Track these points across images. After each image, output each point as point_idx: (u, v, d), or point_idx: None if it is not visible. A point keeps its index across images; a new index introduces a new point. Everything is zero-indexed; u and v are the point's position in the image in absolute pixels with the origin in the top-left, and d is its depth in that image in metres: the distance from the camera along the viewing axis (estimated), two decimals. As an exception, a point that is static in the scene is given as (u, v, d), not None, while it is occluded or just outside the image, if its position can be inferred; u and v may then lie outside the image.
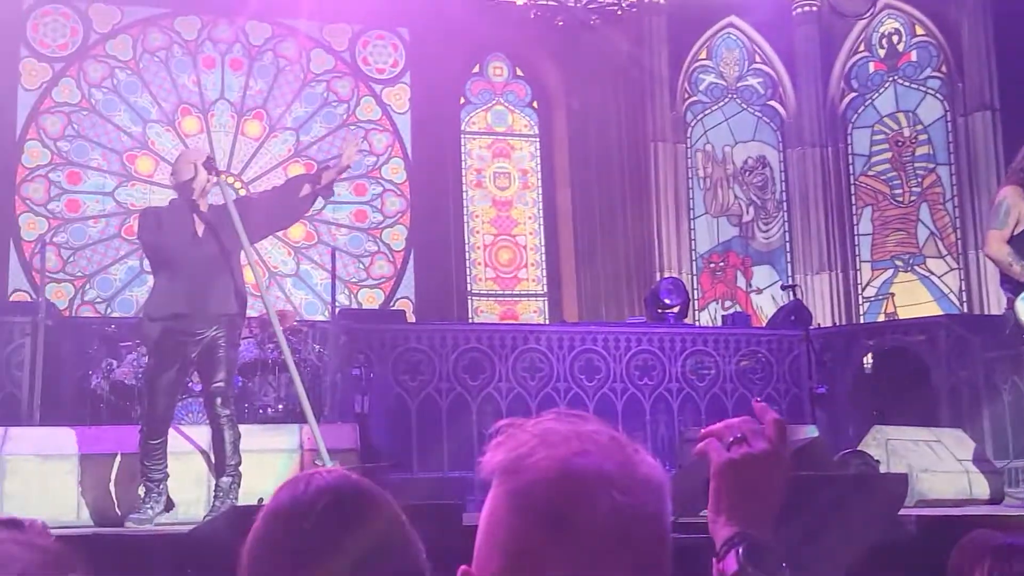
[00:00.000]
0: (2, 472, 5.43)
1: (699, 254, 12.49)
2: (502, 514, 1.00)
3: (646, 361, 9.27)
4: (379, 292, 12.57)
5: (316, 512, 1.28)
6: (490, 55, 13.44)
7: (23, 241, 11.45)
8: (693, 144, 12.66)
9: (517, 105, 13.48)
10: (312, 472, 1.37)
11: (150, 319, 5.10)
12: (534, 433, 1.04)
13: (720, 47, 12.87)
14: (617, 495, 0.98)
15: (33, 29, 11.93)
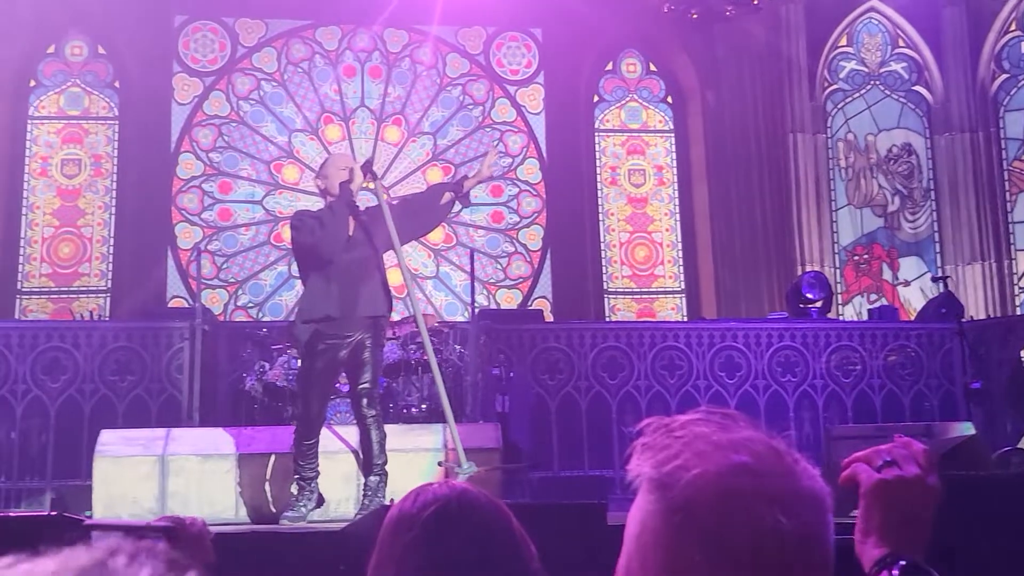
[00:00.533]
0: (165, 471, 5.71)
1: (842, 247, 12.16)
2: (658, 533, 0.96)
3: (788, 357, 9.09)
4: (517, 292, 12.68)
5: (420, 522, 1.33)
6: (623, 51, 13.40)
7: (180, 249, 12.03)
8: (834, 134, 12.34)
9: (651, 101, 13.39)
10: (428, 484, 1.42)
11: (302, 321, 5.22)
12: (683, 440, 0.99)
13: (861, 32, 12.50)
14: (781, 516, 0.93)
15: (184, 45, 12.52)
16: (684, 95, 13.27)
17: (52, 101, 12.25)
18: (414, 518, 1.35)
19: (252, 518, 5.59)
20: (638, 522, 0.99)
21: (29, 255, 11.83)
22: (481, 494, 1.38)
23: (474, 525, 1.33)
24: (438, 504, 1.35)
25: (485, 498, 1.38)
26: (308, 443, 5.09)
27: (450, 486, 1.39)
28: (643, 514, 0.98)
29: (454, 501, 1.36)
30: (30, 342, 8.31)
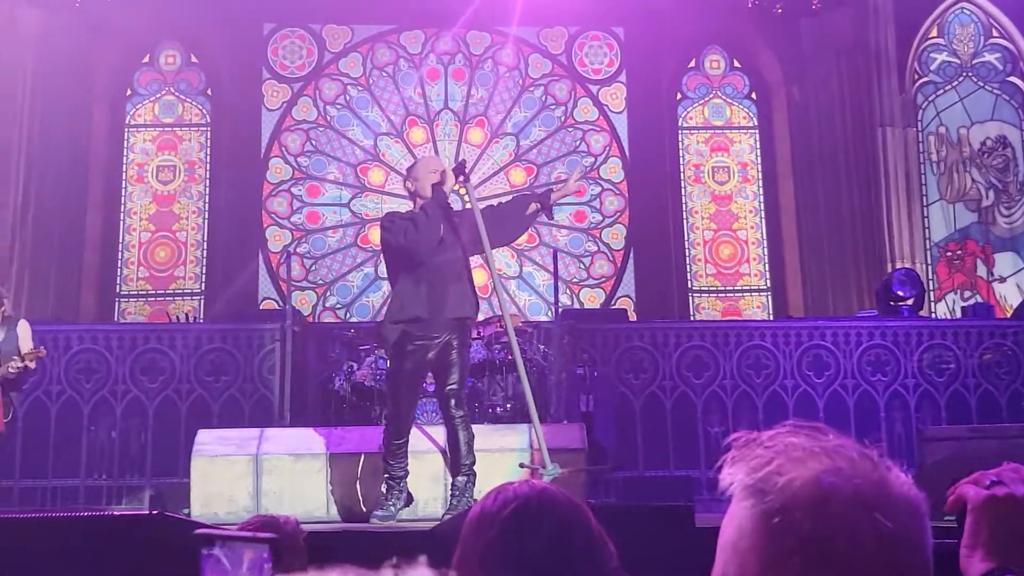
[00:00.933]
0: (259, 470, 5.85)
1: (934, 242, 11.89)
2: (755, 537, 0.95)
3: (879, 356, 8.92)
4: (600, 291, 12.68)
5: (500, 521, 1.34)
6: (706, 48, 13.30)
7: (270, 252, 12.32)
8: (925, 127, 12.06)
9: (735, 98, 13.26)
10: (509, 483, 1.43)
11: (391, 321, 5.27)
12: (775, 448, 0.99)
13: (952, 23, 12.20)
14: (879, 518, 0.92)
15: (273, 52, 12.81)
16: (769, 91, 13.11)
17: (147, 109, 12.66)
18: (494, 516, 1.37)
19: (343, 516, 5.70)
20: (734, 528, 0.99)
21: (127, 259, 12.24)
22: (560, 493, 1.40)
23: (553, 524, 1.34)
24: (518, 502, 1.37)
25: (564, 497, 1.39)
26: (398, 443, 5.16)
27: (530, 485, 1.41)
28: (739, 520, 0.98)
29: (534, 500, 1.37)
30: (129, 344, 8.58)
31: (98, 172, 12.21)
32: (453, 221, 5.33)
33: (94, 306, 11.86)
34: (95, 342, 8.53)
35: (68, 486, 8.22)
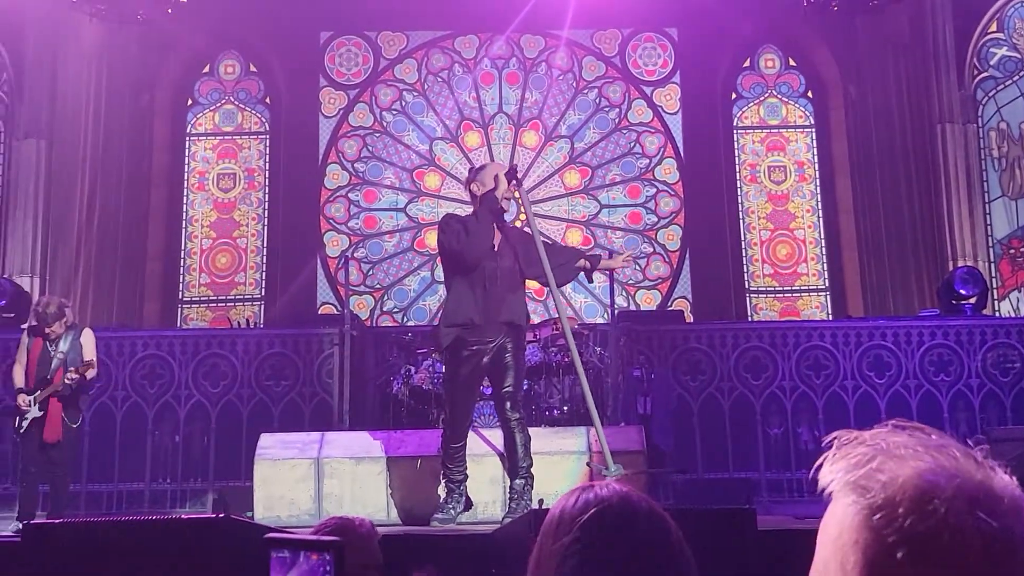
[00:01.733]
0: (321, 473, 5.92)
1: (997, 239, 11.66)
2: (856, 533, 0.94)
3: (941, 356, 8.78)
4: (656, 293, 12.64)
5: (579, 525, 1.30)
6: (761, 47, 13.20)
7: (328, 257, 12.47)
8: (985, 123, 11.83)
9: (791, 96, 13.14)
10: (590, 485, 1.39)
11: (445, 325, 5.32)
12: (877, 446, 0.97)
13: (1012, 17, 11.95)
14: (983, 517, 0.90)
15: (330, 60, 12.98)
16: (825, 89, 12.98)
17: (208, 118, 12.89)
18: (573, 520, 1.32)
19: (403, 519, 5.74)
20: (835, 525, 0.97)
21: (189, 266, 12.47)
22: (643, 499, 1.36)
23: (635, 530, 1.31)
24: (599, 507, 1.33)
25: (647, 504, 1.35)
26: (455, 446, 5.19)
27: (611, 489, 1.36)
28: (840, 516, 0.96)
29: (615, 505, 1.33)
30: (192, 349, 8.72)
31: (160, 181, 12.46)
32: (507, 229, 5.34)
33: (157, 313, 12.10)
34: (159, 348, 8.68)
35: (133, 490, 8.37)
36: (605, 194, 12.84)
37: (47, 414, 6.63)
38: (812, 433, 8.51)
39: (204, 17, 11.92)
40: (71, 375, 6.56)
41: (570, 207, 12.79)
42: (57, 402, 6.66)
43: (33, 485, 6.75)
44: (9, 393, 7.15)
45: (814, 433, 8.51)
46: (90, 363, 6.69)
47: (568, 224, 12.74)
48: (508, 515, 4.94)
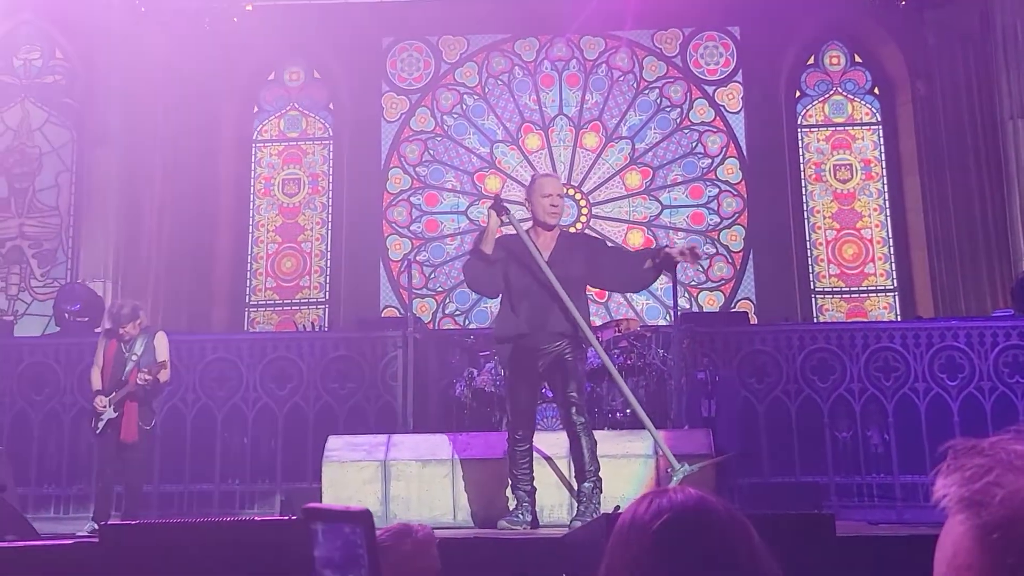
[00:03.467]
0: (388, 475, 5.96)
1: (1073, 238, 11.36)
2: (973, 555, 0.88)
3: (1017, 358, 8.56)
4: (719, 294, 12.53)
5: (651, 532, 1.26)
6: (825, 44, 13.02)
7: (391, 261, 12.56)
8: (1060, 119, 11.53)
9: (856, 93, 12.95)
10: (664, 489, 1.34)
11: (497, 340, 5.33)
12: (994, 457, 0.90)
13: (1088, 8, 11.63)
14: None
15: (391, 65, 13.08)
16: (892, 85, 12.76)
17: (273, 125, 13.08)
18: (646, 526, 1.27)
19: (470, 522, 5.75)
20: (950, 543, 0.91)
21: (255, 270, 12.66)
22: (722, 506, 1.29)
23: (711, 538, 1.25)
24: (673, 513, 1.27)
25: (726, 511, 1.28)
26: (521, 449, 5.19)
27: (687, 494, 1.30)
28: (955, 535, 0.90)
29: (690, 511, 1.27)
30: (259, 352, 8.83)
31: (227, 187, 12.67)
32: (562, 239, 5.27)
33: (225, 317, 12.29)
34: (227, 351, 8.80)
35: (203, 491, 8.49)
36: (667, 195, 12.76)
37: (123, 415, 6.75)
38: (882, 436, 8.37)
39: (269, 25, 12.09)
40: (144, 376, 6.68)
41: (631, 208, 12.73)
42: (132, 403, 6.78)
43: (109, 485, 6.89)
44: (86, 396, 7.31)
45: (884, 437, 8.37)
46: (163, 364, 6.81)
47: (629, 225, 12.69)
48: (577, 518, 4.93)
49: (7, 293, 11.29)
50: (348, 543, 1.14)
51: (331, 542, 1.17)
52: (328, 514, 1.17)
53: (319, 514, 1.18)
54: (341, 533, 1.15)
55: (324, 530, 1.17)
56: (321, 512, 1.18)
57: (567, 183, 12.74)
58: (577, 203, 12.74)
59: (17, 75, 11.75)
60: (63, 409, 8.58)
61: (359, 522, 1.13)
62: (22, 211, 11.41)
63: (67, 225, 11.37)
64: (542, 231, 5.28)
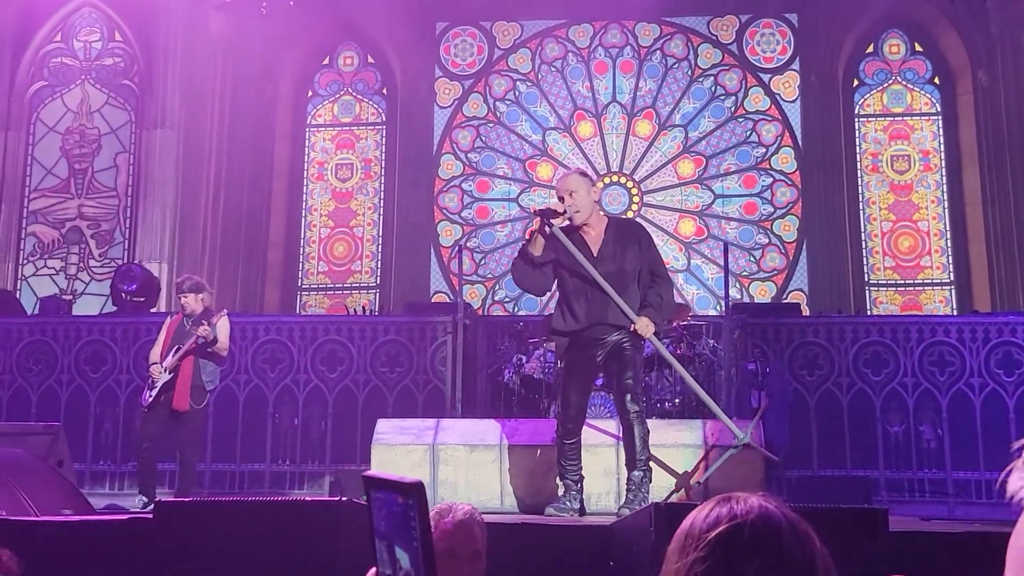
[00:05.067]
0: (436, 459, 5.99)
1: None
2: None
3: (1076, 354, 8.40)
4: (771, 285, 12.42)
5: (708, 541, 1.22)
6: (885, 33, 12.82)
7: (441, 247, 12.61)
8: None
9: (916, 83, 12.73)
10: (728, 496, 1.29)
11: (554, 333, 5.31)
12: None
13: None
14: None
15: (445, 51, 13.11)
16: (953, 75, 12.53)
17: (327, 109, 13.18)
18: (702, 536, 1.22)
19: (517, 507, 5.76)
20: None
21: (308, 254, 12.78)
22: (785, 517, 1.23)
23: (772, 550, 1.19)
24: (732, 522, 1.22)
25: (789, 525, 1.22)
26: (569, 442, 5.17)
27: (749, 504, 1.25)
28: None
29: (752, 522, 1.22)
30: (310, 335, 8.92)
31: (281, 171, 12.80)
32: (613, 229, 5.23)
33: (277, 299, 12.43)
34: (279, 333, 8.90)
35: (254, 470, 8.61)
36: (719, 184, 12.66)
37: (177, 380, 6.80)
38: (935, 432, 8.25)
39: (324, 9, 12.17)
40: (204, 329, 6.72)
41: (683, 197, 12.65)
42: (188, 370, 6.82)
43: (150, 459, 6.89)
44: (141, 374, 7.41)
45: (937, 432, 8.25)
46: (220, 317, 6.85)
47: (681, 214, 12.61)
48: (625, 507, 4.91)
49: (67, 273, 11.52)
50: (400, 513, 1.15)
51: (380, 511, 1.19)
52: (382, 483, 1.18)
53: (375, 482, 1.19)
54: (394, 503, 1.16)
55: (378, 499, 1.19)
56: (377, 480, 1.19)
57: (619, 171, 12.69)
58: (628, 191, 12.68)
59: (78, 57, 11.94)
60: (119, 387, 8.74)
61: (412, 493, 1.14)
62: (81, 192, 11.62)
63: (125, 206, 11.56)
64: (589, 226, 5.23)
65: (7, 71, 11.70)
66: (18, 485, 4.58)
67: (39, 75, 11.89)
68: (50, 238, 11.56)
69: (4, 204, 11.50)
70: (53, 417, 8.15)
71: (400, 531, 1.15)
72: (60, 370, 8.84)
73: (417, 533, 1.12)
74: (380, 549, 1.19)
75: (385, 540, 1.17)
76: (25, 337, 8.96)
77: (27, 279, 11.52)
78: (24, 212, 11.61)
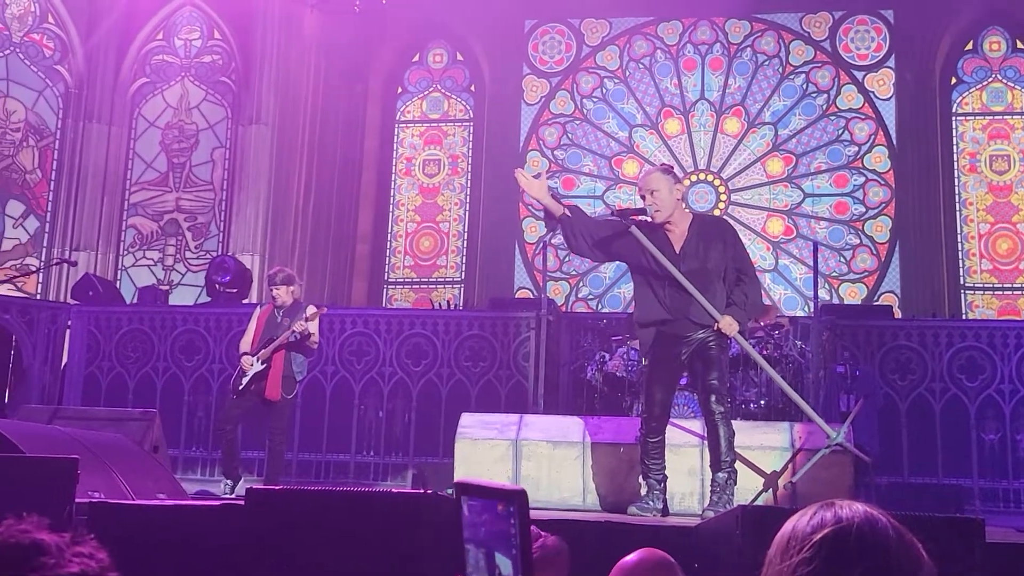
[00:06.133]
0: (518, 455, 6.01)
1: None
2: None
3: None
4: (862, 286, 12.17)
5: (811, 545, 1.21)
6: (985, 29, 12.45)
7: (526, 243, 12.65)
8: None
9: (1017, 81, 12.34)
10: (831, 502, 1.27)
11: (640, 324, 5.27)
12: None
13: None
14: None
15: (533, 48, 13.14)
16: (1057, 72, 12.11)
17: (416, 106, 13.32)
18: (806, 538, 1.21)
19: (599, 505, 5.75)
20: None
21: (394, 248, 12.94)
22: (890, 526, 1.21)
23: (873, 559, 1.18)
24: (836, 528, 1.20)
25: (895, 532, 1.21)
26: (653, 441, 5.14)
27: (853, 509, 1.23)
28: None
29: (856, 528, 1.20)
30: (396, 328, 9.04)
31: (370, 166, 12.98)
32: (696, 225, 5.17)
33: (364, 292, 12.62)
34: (366, 326, 9.04)
35: (340, 461, 8.76)
36: (809, 183, 12.45)
37: (269, 370, 6.95)
38: (1033, 441, 8.01)
39: (415, 7, 12.30)
40: (300, 324, 6.87)
41: (771, 196, 12.48)
42: (279, 361, 6.97)
43: (232, 443, 7.02)
44: (233, 363, 7.59)
45: (1035, 441, 8.01)
46: (316, 313, 6.98)
47: (769, 213, 12.44)
48: (710, 508, 4.87)
49: (164, 263, 11.87)
50: (498, 521, 1.16)
51: (478, 517, 1.20)
52: (480, 490, 1.19)
53: (470, 489, 1.21)
54: (492, 510, 1.17)
55: (472, 506, 1.20)
56: (473, 487, 1.21)
57: (706, 169, 12.57)
58: (715, 189, 12.56)
59: (178, 55, 12.28)
60: (211, 376, 8.97)
61: (514, 501, 1.15)
62: (179, 185, 11.96)
63: (220, 199, 11.86)
64: (673, 223, 5.18)
65: (111, 68, 12.09)
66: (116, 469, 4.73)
67: (141, 72, 12.26)
68: (149, 230, 11.93)
69: (106, 197, 11.89)
70: (149, 404, 8.41)
71: (500, 538, 1.15)
72: (156, 358, 9.11)
73: (517, 540, 1.13)
74: (476, 556, 1.19)
75: (484, 547, 1.18)
76: (124, 326, 9.26)
77: (127, 269, 11.90)
78: (125, 205, 11.99)
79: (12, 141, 11.60)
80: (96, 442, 5.10)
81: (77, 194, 11.77)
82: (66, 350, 9.31)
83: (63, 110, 11.91)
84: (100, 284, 10.20)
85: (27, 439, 4.57)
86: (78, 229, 11.71)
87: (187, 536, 3.79)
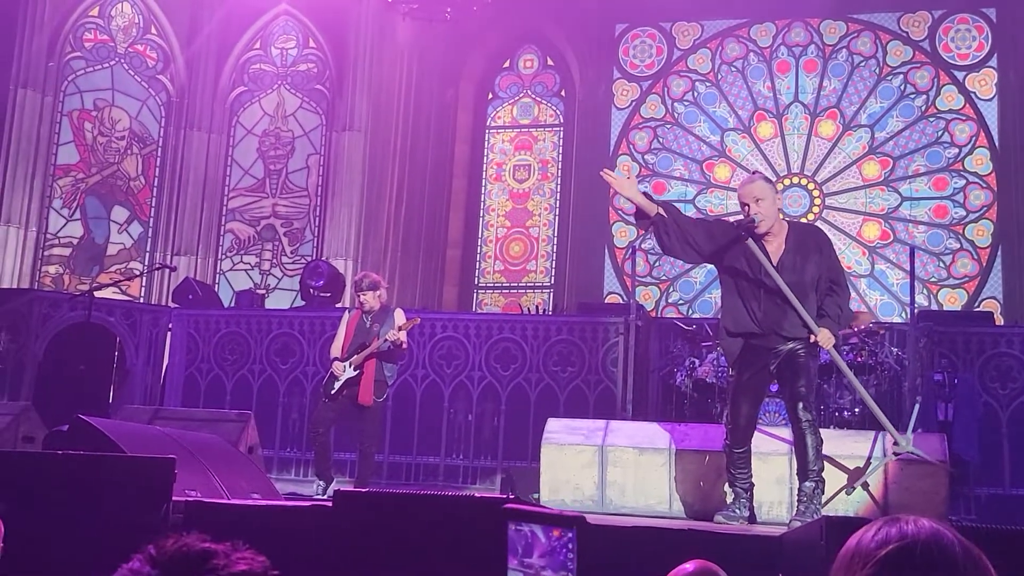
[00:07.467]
0: (605, 461, 6.00)
1: None
2: None
3: None
4: (962, 292, 11.84)
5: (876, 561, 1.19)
6: (1095, 26, 12.00)
7: (615, 248, 12.62)
8: None
9: None
10: (896, 518, 1.25)
11: (728, 334, 5.22)
12: None
13: None
14: None
15: (624, 52, 13.11)
16: None
17: (506, 111, 13.42)
18: (870, 554, 1.18)
19: (684, 513, 5.72)
20: None
21: (485, 253, 13.05)
22: (958, 542, 1.19)
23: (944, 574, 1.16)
24: (902, 543, 1.18)
25: (962, 549, 1.18)
26: (739, 451, 5.09)
27: (919, 525, 1.21)
28: None
29: (922, 544, 1.17)
30: (485, 333, 9.11)
31: (461, 172, 13.12)
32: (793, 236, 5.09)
33: (455, 297, 12.75)
34: (456, 330, 9.13)
35: (429, 463, 8.85)
36: (907, 186, 12.16)
37: (362, 375, 7.08)
38: None
39: (506, 13, 12.39)
40: (393, 333, 6.98)
41: (868, 199, 12.22)
42: (371, 367, 7.09)
43: (326, 445, 7.15)
44: (326, 367, 7.75)
45: None
46: (409, 324, 7.09)
47: (865, 217, 12.18)
48: (796, 518, 4.81)
49: (260, 268, 12.18)
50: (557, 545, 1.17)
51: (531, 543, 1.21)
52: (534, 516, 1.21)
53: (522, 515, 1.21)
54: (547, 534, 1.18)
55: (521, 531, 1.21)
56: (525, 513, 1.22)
57: (800, 172, 12.38)
58: (810, 193, 12.35)
59: (275, 63, 12.59)
60: (305, 378, 9.16)
61: (572, 526, 1.16)
62: (275, 191, 12.26)
63: (315, 205, 12.11)
64: (772, 234, 5.10)
65: (211, 77, 12.46)
66: (212, 468, 4.88)
67: (239, 81, 12.60)
68: (246, 235, 12.25)
69: (206, 203, 12.25)
70: (245, 405, 8.63)
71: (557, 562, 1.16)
72: (252, 360, 9.34)
73: (573, 566, 1.14)
74: None
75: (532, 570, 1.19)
76: (222, 328, 9.52)
77: (224, 273, 12.24)
78: (223, 210, 12.33)
79: (117, 149, 12.03)
80: (193, 442, 5.27)
81: (178, 200, 12.15)
82: (167, 352, 9.61)
83: (165, 118, 12.31)
84: (199, 288, 10.51)
85: (128, 439, 4.74)
86: (179, 234, 12.09)
87: (277, 535, 3.89)
